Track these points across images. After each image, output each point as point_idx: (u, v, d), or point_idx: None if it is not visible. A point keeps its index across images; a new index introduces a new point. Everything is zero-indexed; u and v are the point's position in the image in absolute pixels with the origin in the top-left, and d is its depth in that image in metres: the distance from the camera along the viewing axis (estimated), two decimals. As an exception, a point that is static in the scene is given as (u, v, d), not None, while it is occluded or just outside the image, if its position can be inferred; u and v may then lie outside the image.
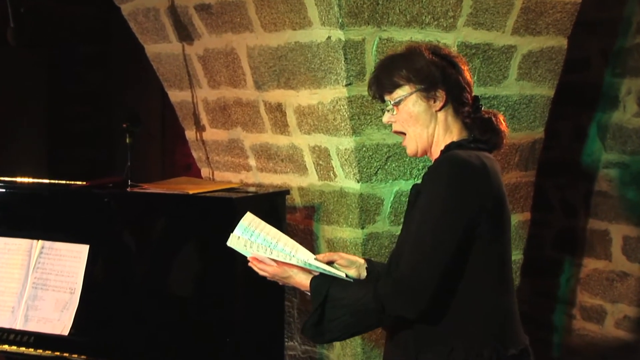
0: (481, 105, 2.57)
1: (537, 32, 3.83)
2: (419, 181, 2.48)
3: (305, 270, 2.55)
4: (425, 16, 3.52)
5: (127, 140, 3.63)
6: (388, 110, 2.56)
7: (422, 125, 2.51)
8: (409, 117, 2.51)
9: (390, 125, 2.60)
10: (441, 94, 2.49)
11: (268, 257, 2.56)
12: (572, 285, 5.17)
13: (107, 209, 3.48)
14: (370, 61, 3.46)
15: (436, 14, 3.54)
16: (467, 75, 2.55)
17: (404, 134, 2.56)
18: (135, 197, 3.51)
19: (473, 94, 2.56)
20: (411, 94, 2.49)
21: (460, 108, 2.52)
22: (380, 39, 3.46)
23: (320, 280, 2.51)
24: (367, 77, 3.46)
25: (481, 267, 2.39)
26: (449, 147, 2.49)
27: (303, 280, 2.54)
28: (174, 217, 3.39)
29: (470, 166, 2.36)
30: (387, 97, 2.55)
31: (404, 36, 3.49)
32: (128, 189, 3.54)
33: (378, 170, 3.61)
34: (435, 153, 2.52)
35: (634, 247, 4.84)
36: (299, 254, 2.58)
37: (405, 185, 3.66)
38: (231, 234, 2.59)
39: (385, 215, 3.68)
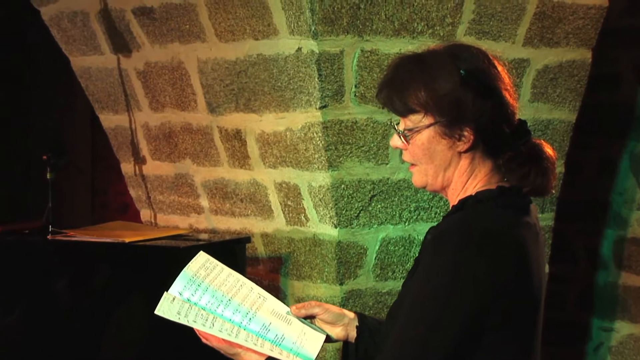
0: (528, 133, 2.37)
1: (555, 42, 3.90)
2: (409, 226, 2.44)
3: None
4: (418, 23, 3.57)
5: (48, 176, 3.65)
6: (398, 133, 2.38)
7: (437, 166, 2.35)
8: (422, 154, 2.35)
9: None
10: (468, 133, 2.30)
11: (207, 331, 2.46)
12: (602, 354, 5.21)
13: (22, 261, 3.48)
14: (350, 78, 3.50)
15: (431, 20, 3.59)
16: (510, 99, 2.32)
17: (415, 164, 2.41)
18: (58, 246, 3.50)
19: (517, 120, 2.36)
20: (428, 126, 2.30)
21: (492, 150, 2.35)
22: (362, 51, 3.51)
23: None
24: (346, 97, 3.51)
25: None
26: (464, 203, 2.34)
27: None
28: (107, 271, 3.39)
29: (486, 238, 2.23)
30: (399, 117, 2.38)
31: (391, 48, 3.54)
32: (49, 237, 3.54)
33: (360, 212, 3.64)
34: (452, 197, 2.39)
35: (676, 307, 4.89)
36: (260, 314, 2.50)
37: (394, 231, 3.68)
38: (164, 295, 2.46)
39: (369, 268, 3.70)
